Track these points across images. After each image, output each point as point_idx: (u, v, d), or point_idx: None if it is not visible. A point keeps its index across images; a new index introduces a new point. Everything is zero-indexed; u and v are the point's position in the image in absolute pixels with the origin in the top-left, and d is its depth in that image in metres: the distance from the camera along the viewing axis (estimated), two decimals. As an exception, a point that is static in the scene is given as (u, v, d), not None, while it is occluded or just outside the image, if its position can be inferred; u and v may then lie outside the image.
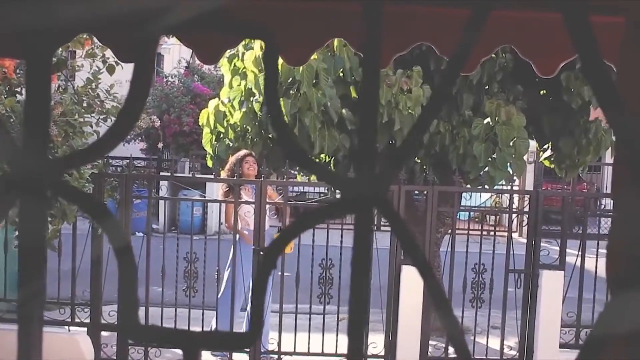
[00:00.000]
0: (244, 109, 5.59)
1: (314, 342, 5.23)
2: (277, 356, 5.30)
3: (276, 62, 0.48)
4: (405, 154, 0.43)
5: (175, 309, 5.16)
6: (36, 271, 0.49)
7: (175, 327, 5.10)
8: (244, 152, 5.58)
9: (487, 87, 5.79)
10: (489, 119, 5.52)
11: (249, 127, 5.62)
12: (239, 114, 5.62)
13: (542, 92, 6.10)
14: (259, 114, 5.52)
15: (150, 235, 5.19)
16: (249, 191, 5.48)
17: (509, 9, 1.99)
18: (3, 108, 4.09)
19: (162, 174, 11.08)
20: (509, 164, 5.54)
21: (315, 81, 5.17)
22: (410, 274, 5.01)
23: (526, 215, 5.43)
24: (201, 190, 7.63)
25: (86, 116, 4.71)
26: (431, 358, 5.26)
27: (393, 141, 5.37)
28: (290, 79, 5.25)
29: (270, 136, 5.59)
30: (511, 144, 5.47)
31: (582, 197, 6.79)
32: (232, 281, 5.18)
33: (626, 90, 0.68)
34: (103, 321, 5.17)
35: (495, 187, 5.92)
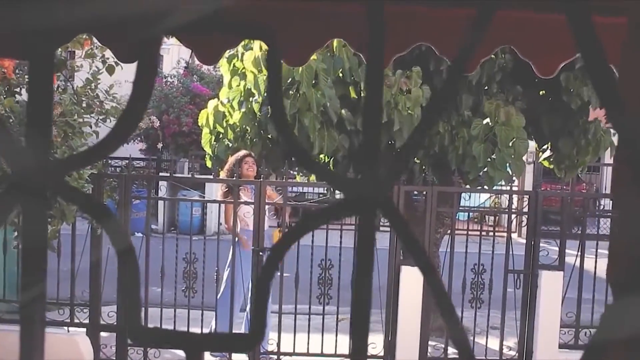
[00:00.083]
0: (243, 110, 5.58)
1: (313, 342, 5.23)
2: (276, 357, 5.30)
3: (279, 63, 0.48)
4: (410, 154, 0.43)
5: (175, 310, 5.15)
6: (38, 273, 0.49)
7: (175, 327, 5.10)
8: (243, 152, 5.57)
9: (486, 88, 5.79)
10: (488, 120, 5.52)
11: (248, 127, 5.62)
12: (238, 114, 5.62)
13: (541, 92, 6.10)
14: (258, 114, 5.51)
15: (150, 236, 5.19)
16: (247, 192, 5.47)
17: (513, 9, 1.98)
18: (2, 108, 4.08)
19: (161, 174, 11.07)
20: (508, 164, 5.54)
21: (314, 81, 5.17)
22: (410, 275, 5.01)
23: (525, 216, 5.43)
24: (200, 190, 7.63)
25: (85, 116, 4.70)
26: (430, 358, 5.26)
27: (392, 141, 5.37)
28: (289, 80, 5.24)
29: (270, 136, 5.58)
30: (510, 144, 5.47)
31: (581, 198, 6.79)
32: (232, 282, 5.18)
33: (628, 91, 0.68)
34: (102, 322, 5.17)
35: (495, 188, 5.92)
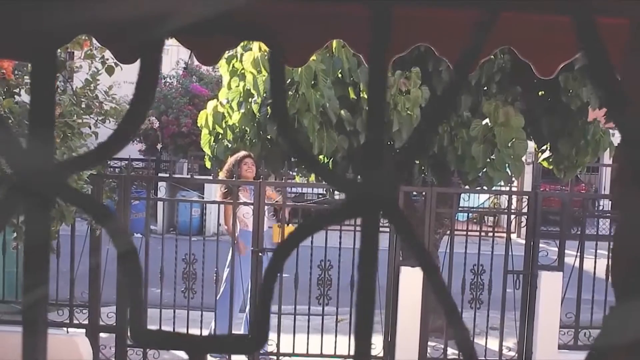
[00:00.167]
0: (242, 110, 5.58)
1: (312, 343, 5.22)
2: (275, 357, 5.30)
3: (282, 65, 0.48)
4: (413, 155, 0.43)
5: (174, 311, 5.15)
6: (41, 275, 0.48)
7: (174, 328, 5.10)
8: (242, 153, 5.56)
9: (485, 88, 5.79)
10: (487, 120, 5.52)
11: (247, 128, 5.61)
12: (237, 115, 5.61)
13: (540, 93, 6.10)
14: (257, 115, 5.51)
15: (149, 237, 5.18)
16: (247, 192, 5.47)
17: (517, 10, 1.98)
18: (1, 109, 4.07)
19: (160, 175, 11.07)
20: (507, 165, 5.54)
21: (313, 82, 5.17)
22: (409, 275, 5.01)
23: (525, 216, 5.43)
24: (199, 191, 7.63)
25: (85, 117, 4.70)
26: (430, 359, 5.26)
27: (391, 142, 5.36)
28: (288, 80, 5.24)
29: (269, 137, 5.58)
30: (509, 145, 5.47)
31: (580, 198, 6.80)
32: (231, 282, 5.17)
33: (631, 91, 0.68)
34: (101, 323, 5.16)
35: (494, 188, 5.91)
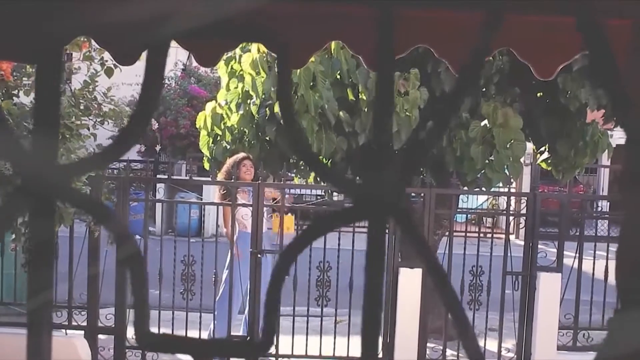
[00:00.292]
0: (241, 112, 5.58)
1: (311, 344, 5.22)
2: (274, 359, 5.29)
3: (288, 68, 0.48)
4: (422, 158, 0.43)
5: (173, 312, 5.14)
6: (45, 277, 0.48)
7: (173, 330, 5.09)
8: (241, 155, 5.56)
9: (484, 90, 5.79)
10: (486, 122, 5.52)
11: (246, 129, 5.61)
12: (236, 116, 5.61)
13: (539, 94, 6.10)
14: (256, 116, 5.51)
15: (147, 238, 5.17)
16: (245, 194, 5.46)
17: (521, 13, 1.98)
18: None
19: (159, 176, 11.06)
20: (506, 166, 5.55)
21: (312, 83, 5.17)
22: (408, 276, 5.01)
23: (523, 218, 5.43)
24: (198, 193, 7.62)
25: (83, 119, 4.69)
26: (429, 360, 5.26)
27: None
28: (288, 81, 5.24)
29: (268, 139, 5.57)
30: (508, 146, 5.47)
31: (578, 199, 6.80)
32: (230, 284, 5.17)
33: (633, 92, 0.68)
34: (100, 324, 5.15)
35: (493, 190, 5.92)
